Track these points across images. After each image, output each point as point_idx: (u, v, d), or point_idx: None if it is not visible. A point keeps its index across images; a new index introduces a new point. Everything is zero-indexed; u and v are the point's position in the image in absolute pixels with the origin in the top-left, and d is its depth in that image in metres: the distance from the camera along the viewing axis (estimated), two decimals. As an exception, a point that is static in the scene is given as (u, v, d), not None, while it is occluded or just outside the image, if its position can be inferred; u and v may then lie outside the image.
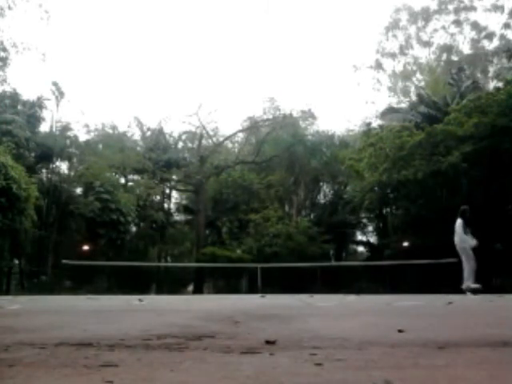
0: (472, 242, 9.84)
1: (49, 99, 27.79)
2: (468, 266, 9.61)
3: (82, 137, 30.44)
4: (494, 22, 39.70)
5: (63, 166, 28.97)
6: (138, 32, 54.65)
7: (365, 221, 30.72)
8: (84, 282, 24.46)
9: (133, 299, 6.35)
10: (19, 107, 26.87)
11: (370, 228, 31.33)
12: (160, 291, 25.49)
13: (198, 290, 25.91)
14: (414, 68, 38.25)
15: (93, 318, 2.82)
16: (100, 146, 30.46)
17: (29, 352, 1.32)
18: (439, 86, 29.04)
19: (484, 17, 37.56)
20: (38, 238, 24.23)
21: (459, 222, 10.03)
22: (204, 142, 32.49)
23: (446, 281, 16.35)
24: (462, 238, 9.82)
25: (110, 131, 32.67)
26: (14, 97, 26.56)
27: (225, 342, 1.52)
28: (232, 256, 24.80)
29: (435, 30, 38.02)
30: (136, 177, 31.64)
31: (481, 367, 1.09)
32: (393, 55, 38.65)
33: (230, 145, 35.89)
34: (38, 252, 25.50)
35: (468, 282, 9.55)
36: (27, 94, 27.74)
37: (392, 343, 1.46)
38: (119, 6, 61.74)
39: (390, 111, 28.28)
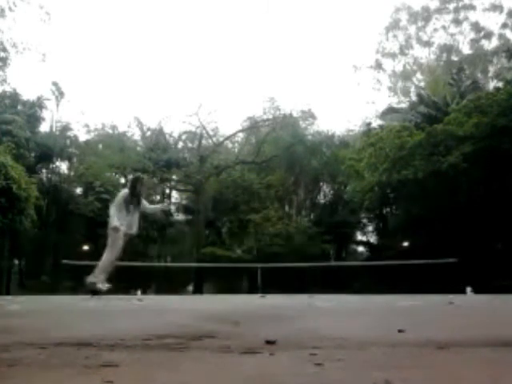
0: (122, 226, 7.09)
1: (49, 99, 27.85)
2: (106, 257, 7.08)
3: (82, 137, 30.53)
4: (492, 22, 39.73)
5: (63, 166, 29.04)
6: (138, 32, 54.70)
7: (365, 221, 30.72)
8: (84, 282, 24.44)
9: (133, 299, 6.35)
10: (19, 107, 26.90)
11: (370, 228, 31.34)
12: (160, 291, 25.48)
13: (198, 290, 25.90)
14: (414, 68, 38.26)
15: (93, 318, 2.82)
16: (100, 146, 30.50)
17: (29, 352, 1.32)
18: (439, 86, 29.05)
19: (483, 16, 37.56)
20: (38, 238, 24.24)
21: (122, 193, 7.46)
22: (204, 142, 32.50)
23: (446, 281, 16.35)
24: (113, 216, 7.17)
25: (110, 131, 32.70)
26: (14, 97, 26.58)
27: (225, 342, 1.52)
28: (232, 256, 24.79)
29: (435, 30, 38.09)
30: (136, 177, 31.57)
31: (481, 367, 1.09)
32: (393, 55, 38.68)
33: (230, 145, 35.89)
34: (38, 252, 25.50)
35: (95, 278, 7.01)
36: (27, 94, 27.82)
37: (392, 343, 1.46)
38: (119, 6, 61.76)
39: (390, 111, 28.30)
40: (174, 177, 31.62)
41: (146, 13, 61.10)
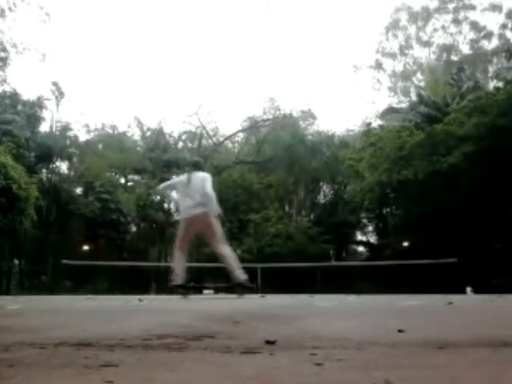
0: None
1: (49, 99, 27.88)
2: (228, 250, 6.46)
3: (82, 137, 30.56)
4: (492, 22, 39.69)
5: (63, 166, 29.08)
6: (137, 32, 54.69)
7: (365, 221, 30.74)
8: (84, 282, 24.47)
9: (133, 299, 6.34)
10: (19, 107, 26.91)
11: (370, 228, 31.37)
12: (160, 291, 25.47)
13: (198, 290, 25.90)
14: (414, 68, 38.25)
15: (93, 318, 2.82)
16: (100, 146, 30.52)
17: (29, 352, 1.32)
18: (439, 86, 29.03)
19: (483, 16, 37.54)
20: (38, 238, 24.25)
21: (209, 177, 6.43)
22: (204, 142, 32.51)
23: (445, 281, 16.36)
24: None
25: (110, 131, 32.73)
26: (14, 97, 26.59)
27: (225, 342, 1.52)
28: (232, 256, 24.75)
29: (435, 30, 38.08)
30: (136, 177, 31.65)
31: (481, 367, 1.09)
32: (393, 55, 38.66)
33: (229, 145, 35.91)
34: (38, 252, 25.53)
35: (242, 273, 6.33)
36: (27, 94, 27.83)
37: (392, 343, 1.46)
38: (119, 6, 61.74)
39: (390, 111, 28.30)
40: (174, 177, 31.63)
41: (146, 13, 61.09)
